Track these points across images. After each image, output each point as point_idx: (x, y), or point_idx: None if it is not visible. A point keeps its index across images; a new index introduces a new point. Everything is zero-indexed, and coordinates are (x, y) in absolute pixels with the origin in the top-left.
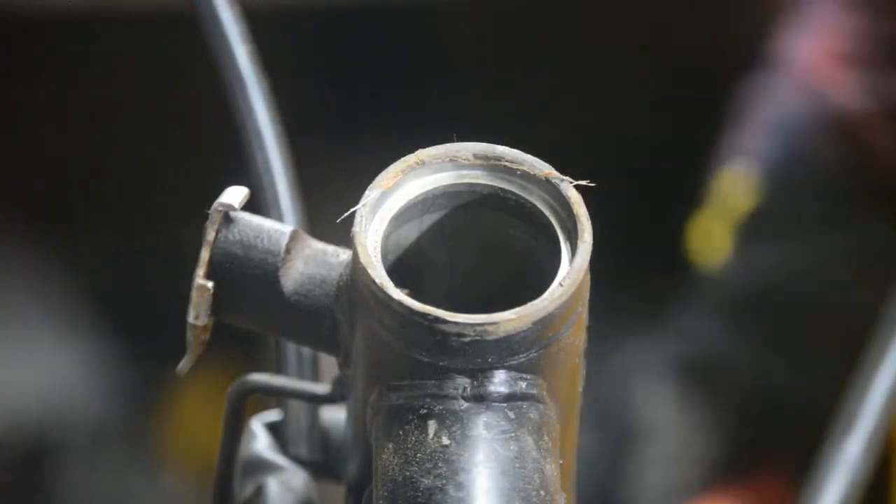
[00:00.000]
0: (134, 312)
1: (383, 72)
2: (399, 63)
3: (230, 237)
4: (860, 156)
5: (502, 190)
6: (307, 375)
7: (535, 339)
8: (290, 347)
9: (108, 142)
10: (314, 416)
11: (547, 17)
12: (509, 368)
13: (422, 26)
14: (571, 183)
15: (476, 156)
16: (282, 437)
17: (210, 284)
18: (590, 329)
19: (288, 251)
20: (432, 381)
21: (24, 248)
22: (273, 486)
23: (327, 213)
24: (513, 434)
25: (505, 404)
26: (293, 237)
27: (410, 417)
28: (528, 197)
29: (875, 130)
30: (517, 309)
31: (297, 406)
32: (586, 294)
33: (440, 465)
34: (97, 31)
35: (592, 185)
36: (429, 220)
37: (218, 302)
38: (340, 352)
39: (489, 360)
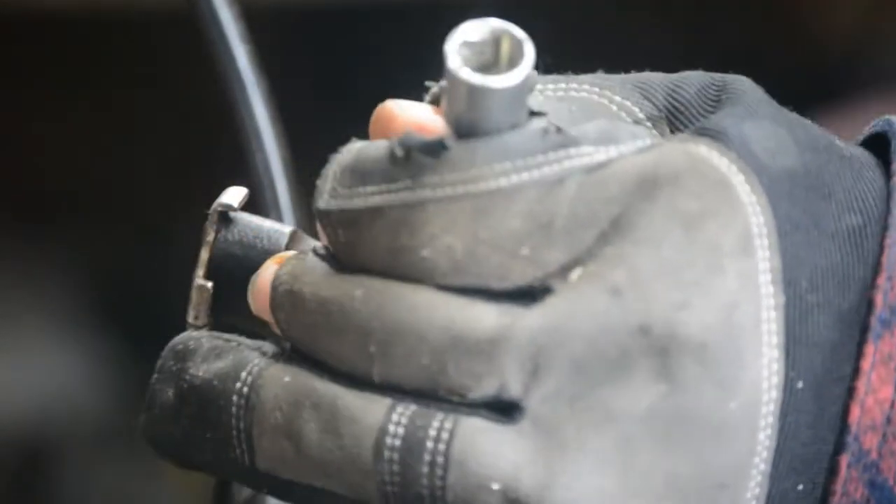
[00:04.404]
0: (134, 313)
1: (384, 72)
2: (400, 63)
3: (230, 237)
4: None
5: None
6: None
7: None
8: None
9: (107, 142)
10: None
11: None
12: None
13: (424, 26)
14: None
15: None
16: None
17: (210, 284)
18: None
19: (288, 251)
20: None
21: (24, 249)
22: None
23: None
24: None
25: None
26: (293, 237)
27: None
28: None
29: None
30: None
31: None
32: None
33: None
34: (97, 31)
35: None
36: None
37: (218, 302)
38: None
39: None
